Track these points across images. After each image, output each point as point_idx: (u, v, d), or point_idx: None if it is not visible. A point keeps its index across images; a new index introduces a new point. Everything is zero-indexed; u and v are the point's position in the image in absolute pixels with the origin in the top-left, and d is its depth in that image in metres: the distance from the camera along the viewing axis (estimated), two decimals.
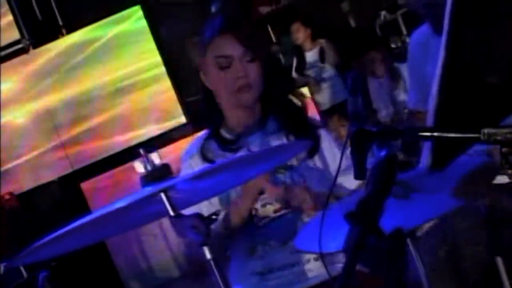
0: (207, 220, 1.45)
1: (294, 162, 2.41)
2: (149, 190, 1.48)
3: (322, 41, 7.78)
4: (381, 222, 1.24)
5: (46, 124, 7.87)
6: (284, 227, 2.38)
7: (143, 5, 7.94)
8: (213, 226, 2.44)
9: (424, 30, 2.65)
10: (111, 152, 7.78)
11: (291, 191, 2.32)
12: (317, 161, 2.44)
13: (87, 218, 1.43)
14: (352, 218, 1.22)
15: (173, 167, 4.71)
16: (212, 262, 1.41)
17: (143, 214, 1.63)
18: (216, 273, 1.40)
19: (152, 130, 7.88)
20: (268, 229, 2.38)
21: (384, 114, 5.92)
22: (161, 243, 7.44)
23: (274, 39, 8.36)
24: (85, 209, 7.45)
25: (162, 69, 7.95)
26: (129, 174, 7.61)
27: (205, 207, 2.25)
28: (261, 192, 2.35)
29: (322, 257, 1.54)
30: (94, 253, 6.57)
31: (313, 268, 2.36)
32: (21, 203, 7.47)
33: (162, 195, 1.46)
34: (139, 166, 1.38)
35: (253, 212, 2.38)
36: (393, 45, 7.18)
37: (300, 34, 7.80)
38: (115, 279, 7.49)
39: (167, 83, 7.94)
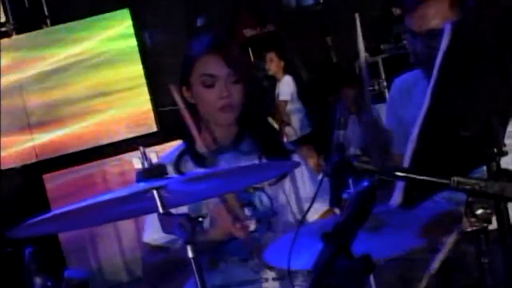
0: (194, 220, 1.54)
1: (263, 183, 2.46)
2: (143, 185, 1.58)
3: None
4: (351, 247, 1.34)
5: (18, 110, 7.87)
6: (246, 245, 2.41)
7: (131, 8, 8.00)
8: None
9: (407, 77, 2.76)
10: (80, 148, 7.83)
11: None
12: (286, 185, 2.51)
13: (80, 204, 1.52)
14: (328, 238, 1.33)
15: None
16: (193, 261, 1.50)
17: (133, 207, 1.71)
18: (195, 271, 1.50)
19: (123, 133, 7.94)
20: (231, 245, 2.41)
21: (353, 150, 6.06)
22: (114, 245, 7.46)
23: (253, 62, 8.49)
24: (44, 201, 7.47)
25: (140, 69, 8.00)
26: (97, 175, 7.70)
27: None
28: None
29: (289, 273, 1.63)
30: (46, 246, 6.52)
31: (271, 287, 2.41)
32: None
33: (155, 192, 1.56)
34: (136, 162, 1.44)
35: None
36: (370, 87, 7.33)
37: (273, 64, 7.91)
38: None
39: (142, 85, 8.00)
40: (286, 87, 7.82)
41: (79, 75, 7.90)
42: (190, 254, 1.51)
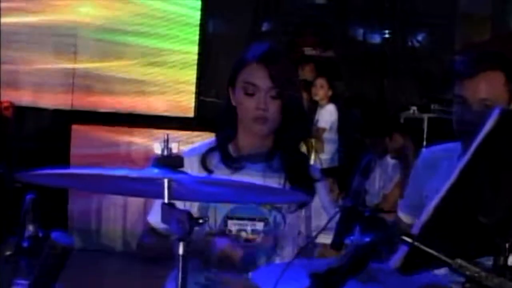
0: (194, 220, 1.54)
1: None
2: (157, 172, 1.59)
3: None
4: None
5: (68, 54, 7.95)
6: (246, 257, 2.40)
7: None
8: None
9: (436, 150, 2.74)
10: (116, 111, 7.90)
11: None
12: (302, 211, 2.52)
13: (94, 171, 1.53)
14: (316, 279, 1.32)
15: None
16: (181, 258, 1.51)
17: (141, 188, 1.72)
18: (180, 268, 1.50)
19: (160, 109, 7.99)
20: None
21: (371, 197, 6.07)
22: (118, 214, 7.50)
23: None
24: (65, 148, 7.54)
25: (194, 58, 8.04)
26: (123, 143, 7.75)
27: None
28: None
29: None
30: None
31: None
32: (16, 117, 7.52)
33: (165, 181, 1.57)
34: (157, 148, 1.44)
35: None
36: None
37: (321, 90, 7.88)
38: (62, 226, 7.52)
39: (192, 73, 8.04)
40: (328, 115, 7.80)
41: (136, 35, 7.95)
42: (180, 251, 1.51)
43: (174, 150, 1.65)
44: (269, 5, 9.39)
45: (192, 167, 2.47)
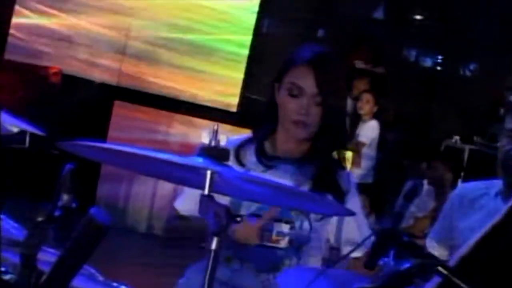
0: (231, 216, 1.51)
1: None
2: (201, 161, 1.56)
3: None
4: None
5: (121, 31, 7.99)
6: (268, 258, 2.41)
7: None
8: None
9: (474, 187, 2.67)
10: (157, 93, 7.91)
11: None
12: (332, 219, 2.49)
13: (135, 150, 1.51)
14: None
15: None
16: (212, 253, 1.48)
17: (180, 175, 1.69)
18: (211, 264, 1.47)
19: (204, 99, 7.98)
20: (254, 251, 2.39)
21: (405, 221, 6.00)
22: (147, 196, 7.50)
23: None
24: (105, 123, 7.58)
25: (245, 53, 8.02)
26: (163, 123, 7.77)
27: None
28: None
29: None
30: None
31: None
32: (63, 84, 7.56)
33: (209, 172, 1.54)
34: (205, 137, 1.42)
35: None
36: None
37: (367, 105, 7.82)
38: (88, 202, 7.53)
39: (241, 68, 8.02)
40: (370, 131, 7.74)
41: (189, 29, 7.96)
42: (213, 246, 1.48)
43: (222, 143, 1.61)
44: (326, 13, 9.34)
45: None
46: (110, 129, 7.58)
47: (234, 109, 7.95)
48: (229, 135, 1.75)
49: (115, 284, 1.93)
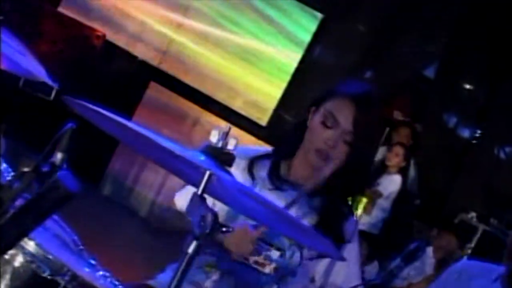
0: (217, 224, 1.41)
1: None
2: (203, 160, 1.47)
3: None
4: None
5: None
6: (249, 278, 2.34)
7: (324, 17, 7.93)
8: None
9: (474, 265, 2.62)
10: (194, 86, 7.86)
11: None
12: (323, 261, 2.41)
13: (140, 129, 1.42)
14: None
15: None
16: (187, 256, 1.38)
17: (179, 167, 1.61)
18: (183, 267, 1.37)
19: (236, 105, 7.91)
20: (236, 267, 2.33)
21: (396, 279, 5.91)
22: (155, 185, 7.46)
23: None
24: (135, 100, 7.56)
25: (290, 70, 7.91)
26: (190, 118, 7.73)
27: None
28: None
29: None
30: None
31: None
32: (105, 51, 7.56)
33: (207, 173, 1.45)
34: (213, 135, 1.35)
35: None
36: None
37: (396, 159, 7.69)
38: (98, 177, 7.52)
39: (281, 85, 7.93)
40: (391, 185, 7.62)
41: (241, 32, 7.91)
42: (190, 250, 1.38)
43: (230, 146, 1.52)
44: (379, 55, 9.24)
45: (237, 166, 2.36)
46: (138, 108, 7.56)
47: (263, 123, 7.86)
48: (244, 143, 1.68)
49: (86, 255, 1.83)
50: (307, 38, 7.93)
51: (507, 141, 9.58)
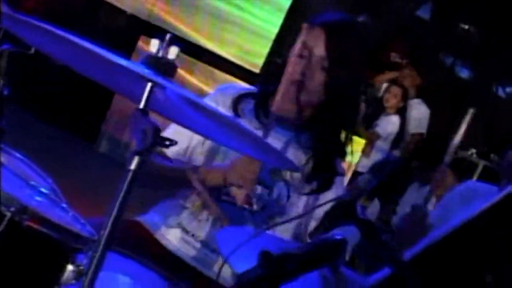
0: (160, 138, 1.31)
1: (289, 178, 2.32)
2: (144, 71, 1.35)
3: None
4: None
5: None
6: (235, 217, 2.28)
7: None
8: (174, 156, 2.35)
9: (480, 187, 2.59)
10: (183, 37, 7.73)
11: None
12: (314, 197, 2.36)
13: (78, 40, 1.30)
14: (265, 258, 1.10)
15: None
16: (129, 173, 1.29)
17: (119, 81, 1.49)
18: (126, 185, 1.28)
19: (229, 52, 7.79)
20: (224, 206, 2.27)
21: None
22: None
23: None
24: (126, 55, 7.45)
25: (281, 17, 7.78)
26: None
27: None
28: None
29: (223, 264, 1.43)
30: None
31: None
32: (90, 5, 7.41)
33: (149, 85, 1.34)
34: (154, 45, 1.26)
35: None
36: None
37: (394, 100, 7.61)
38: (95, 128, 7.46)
39: (273, 30, 7.78)
40: (389, 126, 7.56)
41: None
42: (132, 166, 1.29)
43: (171, 56, 1.42)
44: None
45: (222, 102, 2.35)
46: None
47: (257, 70, 7.74)
48: None
49: (64, 205, 1.72)
50: None
51: (506, 79, 9.51)
